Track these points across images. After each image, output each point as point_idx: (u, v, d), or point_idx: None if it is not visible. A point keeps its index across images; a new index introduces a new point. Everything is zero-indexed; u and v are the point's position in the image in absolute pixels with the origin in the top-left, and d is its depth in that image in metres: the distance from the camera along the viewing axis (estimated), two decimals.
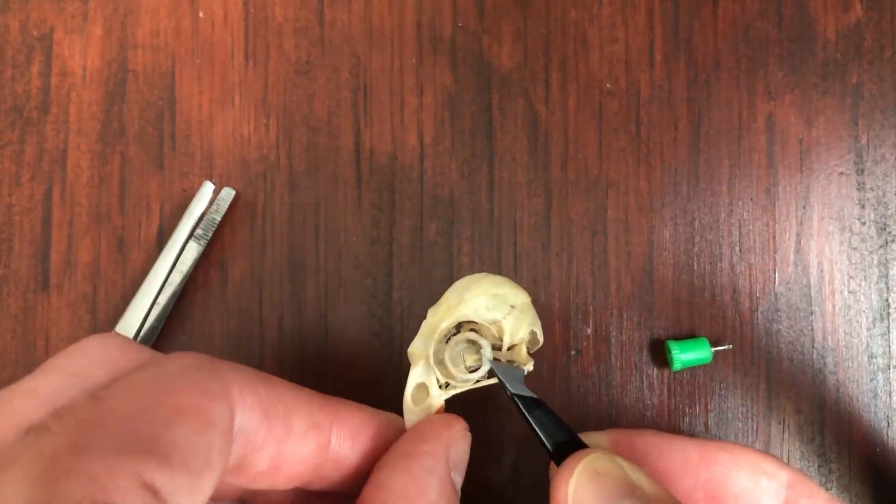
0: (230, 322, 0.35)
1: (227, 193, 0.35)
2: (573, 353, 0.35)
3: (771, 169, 0.36)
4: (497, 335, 0.27)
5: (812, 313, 0.35)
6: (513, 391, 0.26)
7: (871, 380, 0.35)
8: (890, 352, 0.35)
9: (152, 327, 0.34)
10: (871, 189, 0.35)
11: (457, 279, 0.35)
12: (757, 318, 0.35)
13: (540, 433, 0.25)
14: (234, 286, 0.35)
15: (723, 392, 0.35)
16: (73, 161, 0.36)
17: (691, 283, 0.35)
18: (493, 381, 0.27)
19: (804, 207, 0.35)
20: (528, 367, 0.27)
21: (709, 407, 0.35)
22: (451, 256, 0.35)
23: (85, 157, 0.36)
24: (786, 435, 0.35)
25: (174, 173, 0.36)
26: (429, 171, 0.36)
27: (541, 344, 0.28)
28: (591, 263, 0.35)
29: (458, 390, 0.27)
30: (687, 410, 0.35)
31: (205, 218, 0.35)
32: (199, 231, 0.35)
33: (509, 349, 0.27)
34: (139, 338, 0.34)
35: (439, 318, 0.27)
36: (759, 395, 0.35)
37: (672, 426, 0.35)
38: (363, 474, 0.24)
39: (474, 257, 0.35)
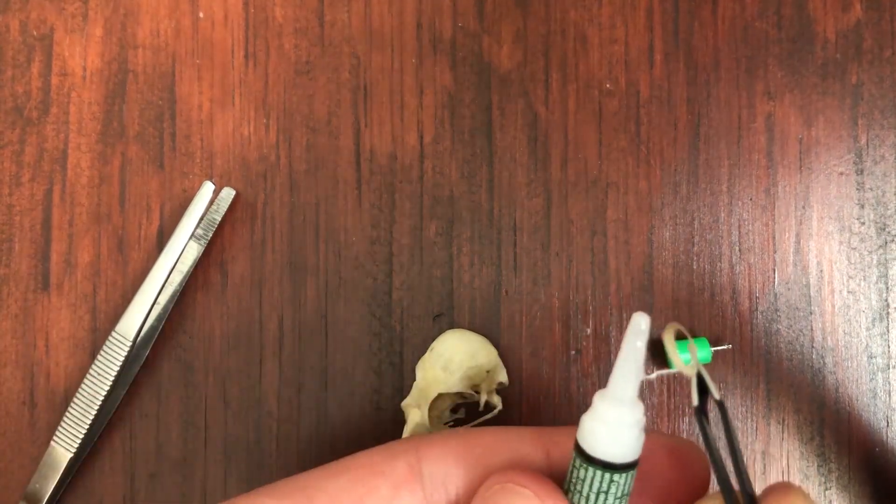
0: (230, 322, 0.35)
1: (228, 193, 0.35)
2: (573, 352, 0.35)
3: (770, 169, 0.36)
4: (476, 393, 0.34)
5: (811, 313, 0.35)
6: (718, 398, 0.22)
7: (871, 379, 0.35)
8: (889, 352, 0.35)
9: (152, 327, 0.34)
10: (871, 189, 0.36)
11: (457, 279, 0.36)
12: (756, 318, 0.35)
13: (736, 457, 0.20)
14: (235, 286, 0.35)
15: (722, 392, 0.35)
16: (73, 161, 0.36)
17: (690, 282, 0.35)
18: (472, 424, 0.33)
19: (804, 207, 0.36)
20: (499, 406, 0.33)
21: (708, 407, 0.35)
22: (451, 256, 0.35)
23: (85, 157, 0.36)
24: (785, 435, 0.35)
25: (174, 173, 0.36)
26: (429, 171, 0.36)
27: (506, 384, 0.34)
28: (591, 263, 0.35)
29: None
30: (687, 410, 0.35)
31: (205, 218, 0.35)
32: (199, 231, 0.35)
33: (487, 395, 0.34)
34: (139, 338, 0.34)
35: (428, 386, 0.33)
36: (758, 394, 0.35)
37: (672, 426, 0.35)
38: None
39: (474, 257, 0.35)
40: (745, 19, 0.36)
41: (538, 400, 0.35)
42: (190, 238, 0.34)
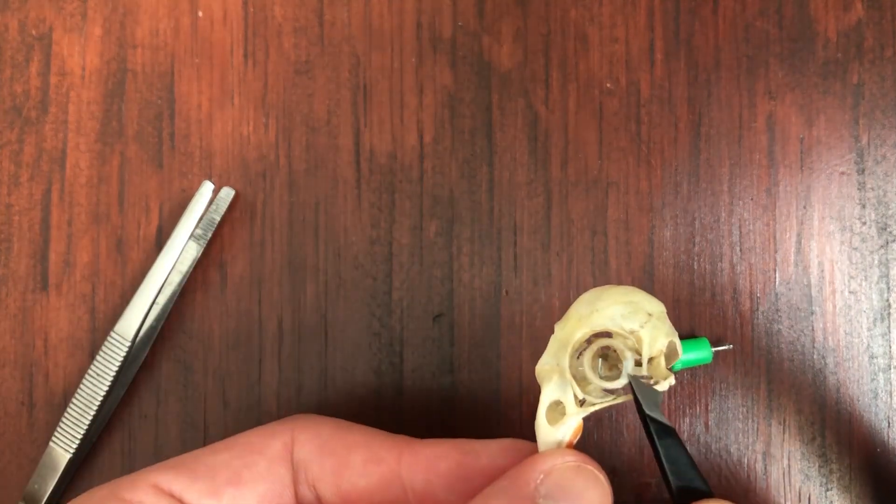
0: (229, 322, 0.35)
1: (227, 193, 0.35)
2: None
3: (771, 168, 0.36)
4: (635, 347, 0.24)
5: (813, 313, 0.35)
6: (648, 413, 0.23)
7: (872, 380, 0.35)
8: (891, 352, 0.35)
9: (151, 327, 0.34)
10: (872, 189, 0.35)
11: (457, 279, 0.35)
12: (757, 318, 0.35)
13: (667, 468, 0.23)
14: (234, 286, 0.35)
15: (723, 392, 0.35)
16: (72, 161, 0.36)
17: (691, 283, 0.35)
18: (630, 397, 0.24)
19: (805, 207, 0.35)
20: (670, 381, 0.24)
21: (709, 407, 0.35)
22: (451, 256, 0.35)
23: (84, 156, 0.36)
24: (786, 435, 0.35)
25: (173, 173, 0.36)
26: (429, 171, 0.36)
27: (680, 357, 0.25)
28: (592, 263, 0.35)
29: (595, 408, 0.25)
30: (687, 411, 0.35)
31: (204, 218, 0.35)
32: (198, 231, 0.35)
33: (648, 362, 0.24)
34: (138, 338, 0.34)
35: (570, 331, 0.24)
36: (759, 395, 0.35)
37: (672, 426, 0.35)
38: None
39: (474, 257, 0.35)
40: (745, 18, 0.36)
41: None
42: (189, 238, 0.34)
